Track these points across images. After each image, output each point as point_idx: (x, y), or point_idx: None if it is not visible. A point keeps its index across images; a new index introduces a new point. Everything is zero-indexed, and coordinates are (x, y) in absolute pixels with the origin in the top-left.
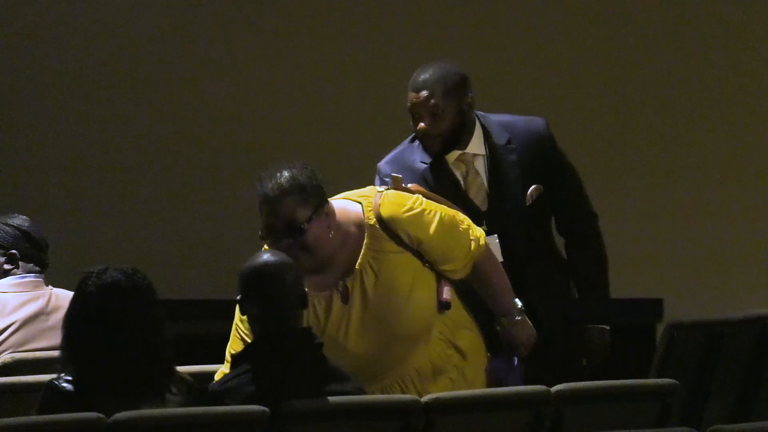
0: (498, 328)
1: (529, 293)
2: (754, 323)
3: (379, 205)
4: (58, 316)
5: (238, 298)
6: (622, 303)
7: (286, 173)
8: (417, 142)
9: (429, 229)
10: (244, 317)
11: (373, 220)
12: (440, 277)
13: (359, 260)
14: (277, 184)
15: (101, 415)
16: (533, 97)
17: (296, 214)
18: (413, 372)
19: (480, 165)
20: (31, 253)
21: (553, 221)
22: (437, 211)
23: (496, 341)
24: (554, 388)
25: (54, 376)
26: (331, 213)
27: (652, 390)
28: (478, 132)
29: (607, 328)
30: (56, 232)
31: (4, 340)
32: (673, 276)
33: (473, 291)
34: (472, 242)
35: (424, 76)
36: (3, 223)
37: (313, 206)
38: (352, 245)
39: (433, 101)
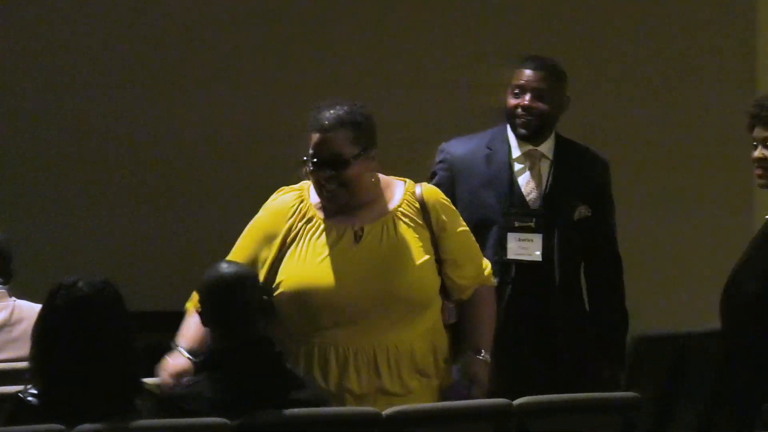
0: (461, 362)
1: (553, 307)
2: (719, 336)
3: (423, 185)
4: (22, 327)
5: (199, 310)
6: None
7: (346, 107)
8: (490, 131)
9: (456, 224)
10: None
11: (412, 190)
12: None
13: (386, 214)
14: (334, 115)
15: (63, 427)
16: None
17: (345, 148)
18: (393, 348)
19: (544, 166)
20: None
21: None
22: (466, 226)
23: None
24: (517, 401)
25: (20, 388)
26: (376, 160)
27: (615, 403)
28: (553, 138)
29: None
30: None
31: None
32: (639, 288)
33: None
34: (485, 267)
35: (540, 59)
36: None
37: (362, 146)
38: (383, 202)
39: (545, 83)
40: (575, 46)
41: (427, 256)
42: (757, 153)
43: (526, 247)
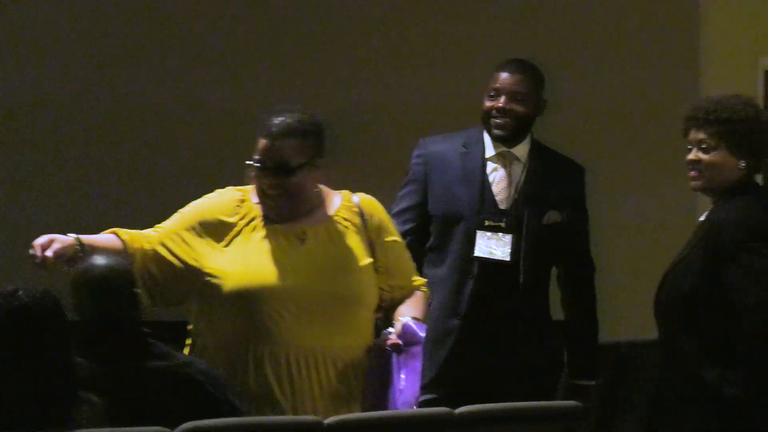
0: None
1: (516, 309)
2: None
3: (360, 195)
4: None
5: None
6: None
7: (297, 115)
8: (467, 131)
9: (391, 234)
10: None
11: (350, 199)
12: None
13: (327, 219)
14: (284, 123)
15: (167, 430)
16: None
17: (291, 157)
18: (339, 350)
19: (516, 169)
20: None
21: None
22: (400, 237)
23: None
24: (458, 410)
25: None
26: (321, 170)
27: (555, 412)
28: (528, 143)
29: (593, 383)
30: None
31: None
32: None
33: None
34: (416, 279)
35: (520, 62)
36: None
37: (309, 155)
38: (324, 208)
39: (521, 85)
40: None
41: (369, 260)
42: (692, 155)
43: (494, 246)
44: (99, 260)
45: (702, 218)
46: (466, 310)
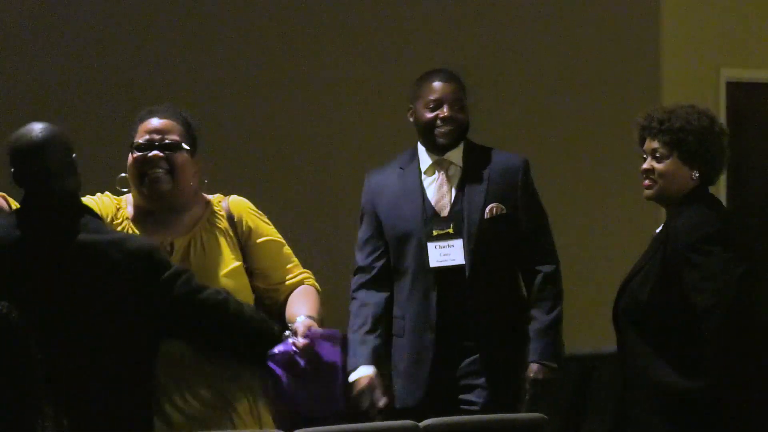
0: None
1: (482, 312)
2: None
3: (230, 197)
4: None
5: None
6: None
7: (183, 112)
8: (401, 154)
9: (263, 234)
10: None
11: (220, 202)
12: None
13: (195, 225)
14: (171, 110)
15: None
16: None
17: (179, 136)
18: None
19: (454, 174)
20: None
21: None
22: (278, 236)
23: None
24: (423, 423)
25: None
26: (198, 167)
27: (521, 424)
28: (461, 146)
29: (555, 366)
30: None
31: None
32: None
33: None
34: (298, 274)
35: (447, 71)
36: None
37: (190, 146)
38: (194, 214)
39: (460, 93)
40: (481, 52)
41: (236, 263)
42: (646, 164)
43: (447, 253)
44: (36, 126)
45: (658, 230)
46: (436, 322)
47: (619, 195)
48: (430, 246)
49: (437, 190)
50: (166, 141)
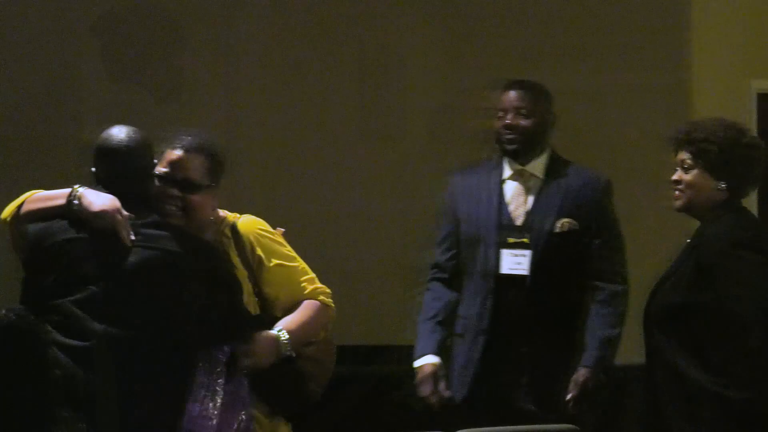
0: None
1: (538, 322)
2: None
3: (242, 218)
4: None
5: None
6: None
7: (211, 140)
8: (487, 161)
9: (273, 254)
10: None
11: (231, 223)
12: None
13: None
14: (197, 140)
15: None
16: None
17: (198, 174)
18: None
19: (533, 185)
20: None
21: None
22: (289, 250)
23: None
24: None
25: None
26: (216, 199)
27: None
28: (545, 159)
29: (604, 378)
30: None
31: None
32: None
33: None
34: (307, 290)
35: (519, 81)
36: None
37: (211, 180)
38: (202, 233)
39: (524, 101)
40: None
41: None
42: (675, 175)
43: (519, 262)
44: (125, 128)
45: (689, 240)
46: (489, 326)
47: (649, 207)
48: (504, 252)
49: (514, 198)
50: (184, 178)
